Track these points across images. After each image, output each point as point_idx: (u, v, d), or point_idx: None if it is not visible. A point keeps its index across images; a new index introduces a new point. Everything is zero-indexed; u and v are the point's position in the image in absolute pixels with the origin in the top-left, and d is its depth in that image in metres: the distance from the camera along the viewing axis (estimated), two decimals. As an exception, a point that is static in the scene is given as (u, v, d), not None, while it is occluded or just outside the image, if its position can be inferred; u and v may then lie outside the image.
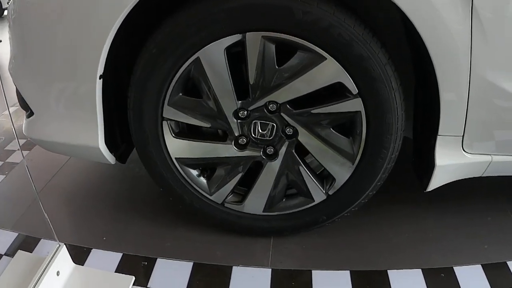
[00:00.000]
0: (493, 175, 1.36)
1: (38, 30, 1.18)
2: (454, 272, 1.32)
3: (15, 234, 1.56)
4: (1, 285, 1.26)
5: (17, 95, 1.42)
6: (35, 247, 1.49)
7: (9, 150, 2.22)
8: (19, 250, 1.40)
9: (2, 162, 2.08)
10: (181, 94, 1.21)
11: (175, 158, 1.31)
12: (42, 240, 1.52)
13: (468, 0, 1.00)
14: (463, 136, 1.20)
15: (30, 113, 1.38)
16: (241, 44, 1.10)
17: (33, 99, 1.33)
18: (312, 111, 1.18)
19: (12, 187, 1.88)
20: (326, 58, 1.09)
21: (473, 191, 1.70)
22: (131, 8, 1.07)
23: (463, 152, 1.24)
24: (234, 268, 1.36)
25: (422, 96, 1.30)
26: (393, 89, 1.12)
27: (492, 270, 1.33)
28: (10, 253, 1.47)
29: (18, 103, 1.46)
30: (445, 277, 1.31)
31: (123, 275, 1.34)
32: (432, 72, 1.08)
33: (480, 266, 1.35)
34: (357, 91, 1.12)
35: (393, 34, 1.30)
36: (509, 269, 1.34)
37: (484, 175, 1.34)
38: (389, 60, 1.11)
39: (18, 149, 2.20)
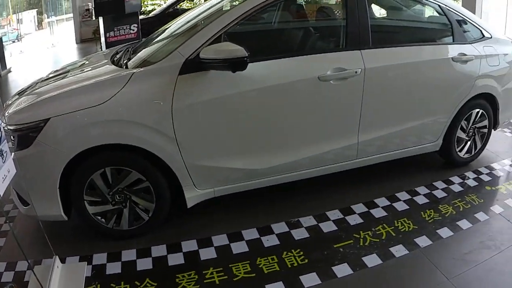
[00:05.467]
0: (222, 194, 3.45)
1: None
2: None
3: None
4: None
5: (17, 196, 3.32)
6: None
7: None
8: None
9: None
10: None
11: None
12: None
13: (173, 139, 3.09)
14: (194, 184, 3.30)
15: (26, 204, 3.24)
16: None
17: (31, 199, 3.17)
18: (134, 188, 3.27)
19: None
20: (132, 171, 3.18)
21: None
22: None
23: (196, 189, 3.34)
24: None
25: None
26: (161, 179, 3.22)
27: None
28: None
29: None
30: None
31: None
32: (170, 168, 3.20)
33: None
34: (146, 180, 3.21)
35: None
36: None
37: (215, 196, 3.43)
38: (155, 168, 3.21)
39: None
